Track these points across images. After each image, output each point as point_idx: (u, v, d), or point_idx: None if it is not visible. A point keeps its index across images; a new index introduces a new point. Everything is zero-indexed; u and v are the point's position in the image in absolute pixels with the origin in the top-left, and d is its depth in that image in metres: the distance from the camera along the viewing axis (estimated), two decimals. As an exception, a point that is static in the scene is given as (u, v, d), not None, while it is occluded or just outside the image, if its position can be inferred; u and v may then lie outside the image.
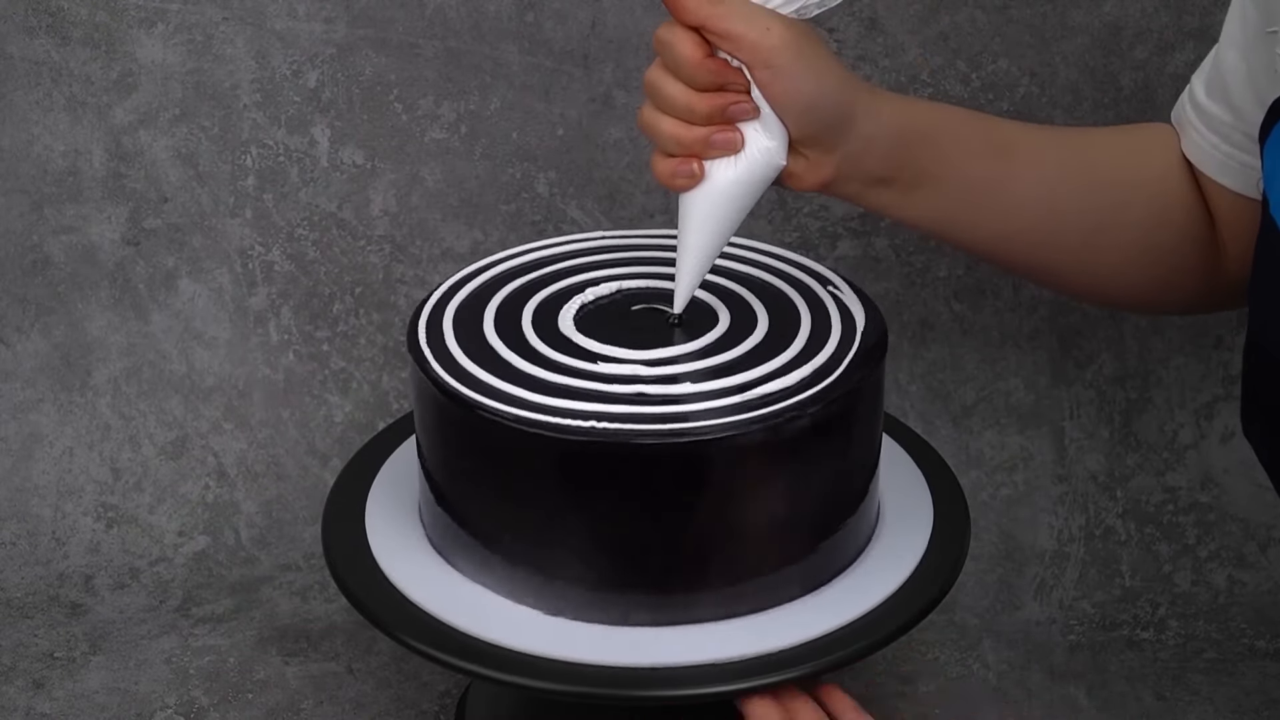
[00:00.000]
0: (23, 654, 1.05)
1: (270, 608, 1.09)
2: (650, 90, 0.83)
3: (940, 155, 0.87)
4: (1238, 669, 1.04)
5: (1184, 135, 0.88)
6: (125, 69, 1.14)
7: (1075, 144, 0.91)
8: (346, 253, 1.17)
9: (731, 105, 0.81)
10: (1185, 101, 0.88)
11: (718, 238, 0.84)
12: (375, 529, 0.88)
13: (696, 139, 0.81)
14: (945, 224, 0.89)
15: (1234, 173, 0.85)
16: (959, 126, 0.88)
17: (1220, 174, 0.86)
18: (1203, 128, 0.86)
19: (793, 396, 0.79)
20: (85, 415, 1.17)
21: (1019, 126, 0.91)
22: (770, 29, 0.80)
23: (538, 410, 0.78)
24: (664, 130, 0.82)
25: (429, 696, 1.00)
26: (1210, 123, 0.86)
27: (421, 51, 1.13)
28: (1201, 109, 0.86)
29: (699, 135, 0.81)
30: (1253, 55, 0.82)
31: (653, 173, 0.83)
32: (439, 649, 0.80)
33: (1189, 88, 0.88)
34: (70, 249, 1.16)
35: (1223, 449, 1.15)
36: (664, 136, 0.82)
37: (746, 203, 0.84)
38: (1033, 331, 1.16)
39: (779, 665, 0.79)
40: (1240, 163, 0.85)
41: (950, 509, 0.90)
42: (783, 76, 0.80)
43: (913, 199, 0.87)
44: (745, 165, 0.82)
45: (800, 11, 0.81)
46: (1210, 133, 0.86)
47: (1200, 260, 0.90)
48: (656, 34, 0.82)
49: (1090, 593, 1.10)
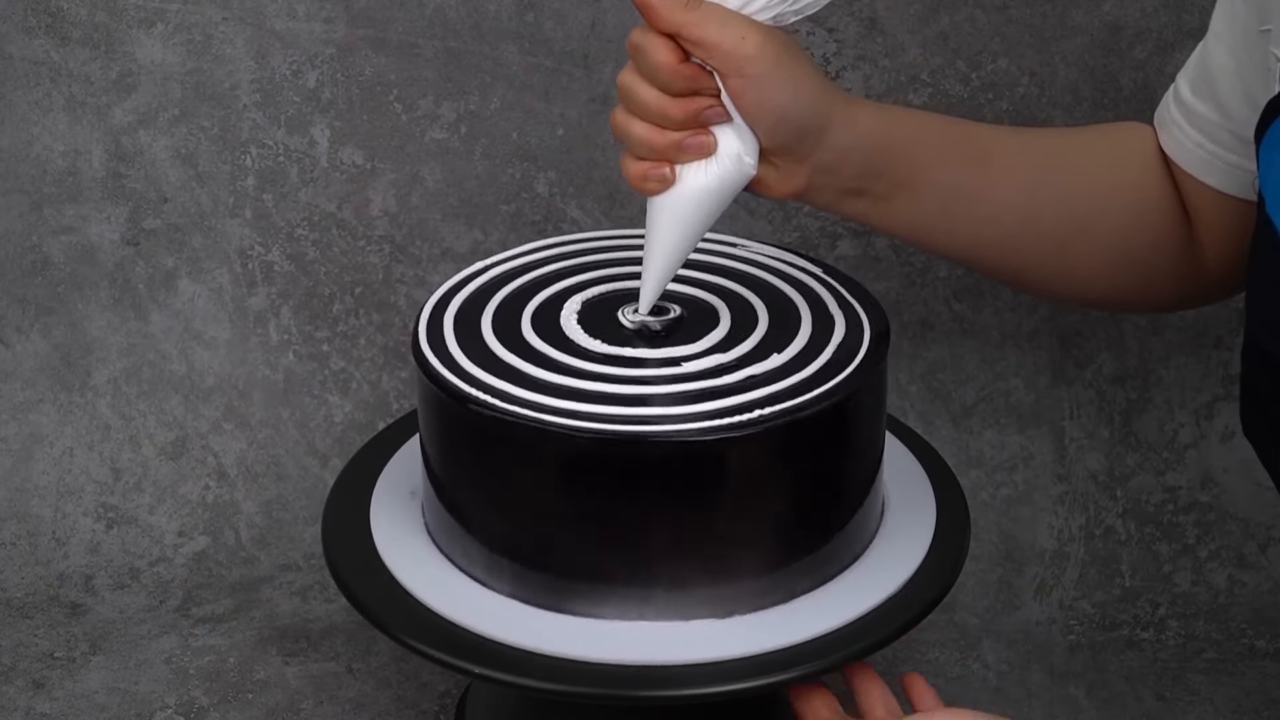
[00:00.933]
0: (23, 654, 1.05)
1: (270, 608, 1.09)
2: (623, 94, 0.82)
3: (915, 165, 0.86)
4: (1238, 669, 1.04)
5: (1165, 133, 0.87)
6: (125, 69, 1.14)
7: (1051, 148, 0.90)
8: (346, 253, 1.17)
9: (705, 110, 0.80)
10: (1169, 100, 0.88)
11: (686, 241, 0.84)
12: (380, 528, 0.88)
13: (669, 143, 0.81)
14: (921, 232, 0.88)
15: (1218, 171, 0.85)
16: (934, 136, 0.87)
17: (1203, 172, 0.86)
18: (1186, 126, 0.86)
19: (793, 397, 0.79)
20: (85, 415, 1.17)
21: (995, 132, 0.91)
22: (746, 38, 0.79)
23: (539, 409, 0.78)
24: (636, 134, 0.81)
25: (429, 696, 1.00)
26: (1195, 121, 0.85)
27: (421, 51, 1.13)
28: (1186, 107, 0.86)
29: (672, 140, 0.81)
30: (1242, 53, 0.82)
31: (623, 174, 0.83)
32: (439, 649, 0.80)
33: (1173, 86, 0.87)
34: (70, 249, 1.16)
35: (1223, 449, 1.15)
36: (636, 140, 0.82)
37: (716, 208, 0.83)
38: (1033, 331, 1.16)
39: (778, 664, 0.79)
40: (1225, 162, 0.85)
41: (950, 509, 0.90)
42: (756, 86, 0.80)
43: (888, 208, 0.87)
44: (716, 171, 0.82)
45: (778, 19, 0.81)
46: (1195, 131, 0.85)
47: (1178, 260, 0.89)
48: (630, 38, 0.81)
49: (1090, 593, 1.10)
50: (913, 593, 0.83)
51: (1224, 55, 0.83)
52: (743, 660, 0.79)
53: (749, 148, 0.82)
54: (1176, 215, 0.88)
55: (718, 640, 0.80)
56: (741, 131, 0.81)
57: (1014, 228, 0.88)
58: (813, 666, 0.79)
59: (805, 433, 0.80)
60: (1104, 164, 0.89)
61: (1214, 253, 0.88)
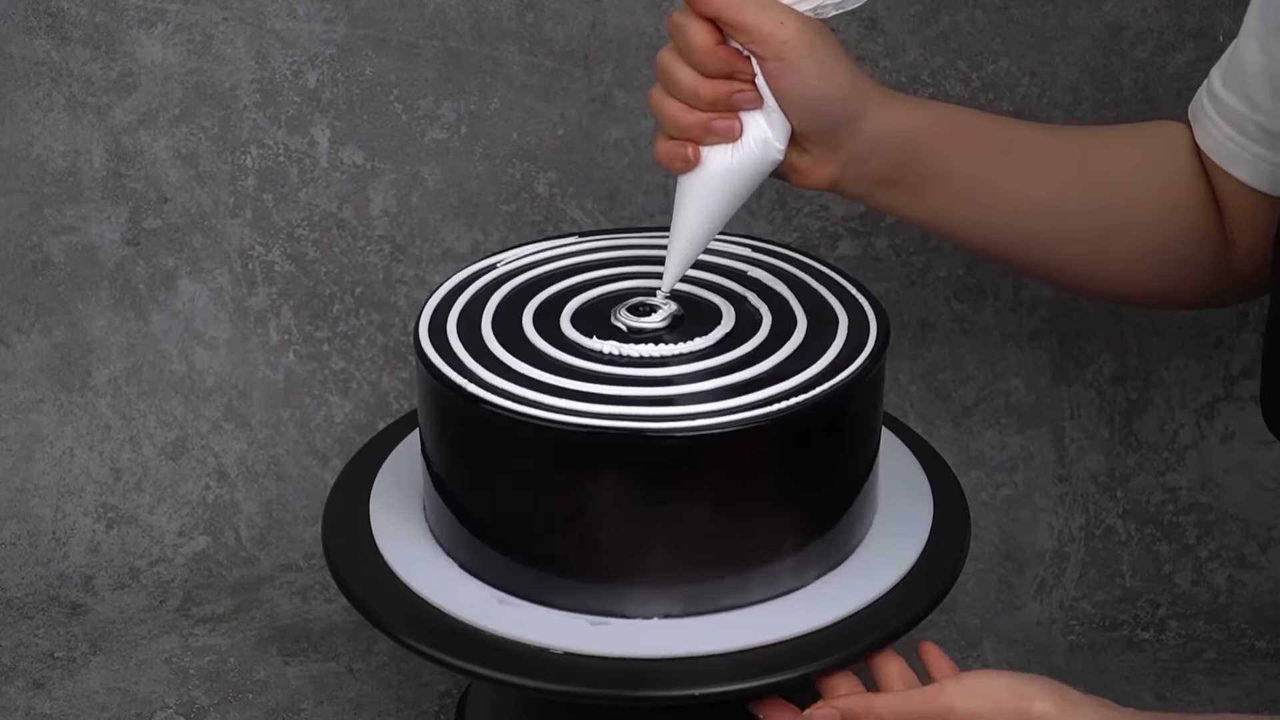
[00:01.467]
0: (23, 654, 1.05)
1: (270, 608, 1.09)
2: (660, 72, 0.84)
3: (948, 157, 0.87)
4: (1238, 669, 1.04)
5: (1198, 126, 0.88)
6: (125, 69, 1.14)
7: (1084, 144, 0.91)
8: (346, 253, 1.17)
9: (735, 93, 0.82)
10: (1202, 94, 0.89)
11: (710, 223, 0.85)
12: (381, 527, 0.88)
13: (696, 123, 0.82)
14: (953, 225, 0.89)
15: (1245, 164, 0.86)
16: (964, 128, 0.89)
17: (1231, 164, 0.86)
18: (1217, 118, 0.87)
19: (794, 396, 0.79)
20: (85, 415, 1.17)
21: (1026, 128, 0.91)
22: (785, 23, 0.80)
23: (541, 407, 0.79)
24: (668, 112, 0.83)
25: (429, 696, 1.00)
26: (1225, 113, 0.86)
27: (421, 51, 1.13)
28: (1218, 99, 0.87)
29: (699, 120, 0.82)
30: (1273, 47, 0.83)
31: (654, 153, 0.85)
32: (440, 649, 0.80)
33: (1207, 80, 0.88)
34: (70, 249, 1.16)
35: (1223, 449, 1.15)
36: (668, 118, 0.83)
37: (741, 192, 0.84)
38: (1033, 331, 1.16)
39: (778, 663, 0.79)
40: (1252, 154, 0.85)
41: (950, 509, 0.90)
42: (792, 70, 0.81)
43: (920, 200, 0.88)
44: (741, 155, 0.83)
45: (818, 10, 0.82)
46: (1224, 123, 0.86)
47: (1211, 257, 0.90)
48: (671, 17, 0.83)
49: (1090, 593, 1.10)
50: (913, 592, 0.83)
51: (1255, 49, 0.84)
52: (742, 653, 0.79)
53: (779, 134, 0.83)
54: (1209, 212, 0.89)
55: (721, 636, 0.80)
56: (772, 117, 0.83)
57: (1045, 222, 0.89)
58: (813, 666, 0.79)
59: (803, 432, 0.80)
60: (1136, 159, 0.90)
61: (1245, 249, 0.89)
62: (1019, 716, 0.74)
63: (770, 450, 0.79)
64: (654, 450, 0.78)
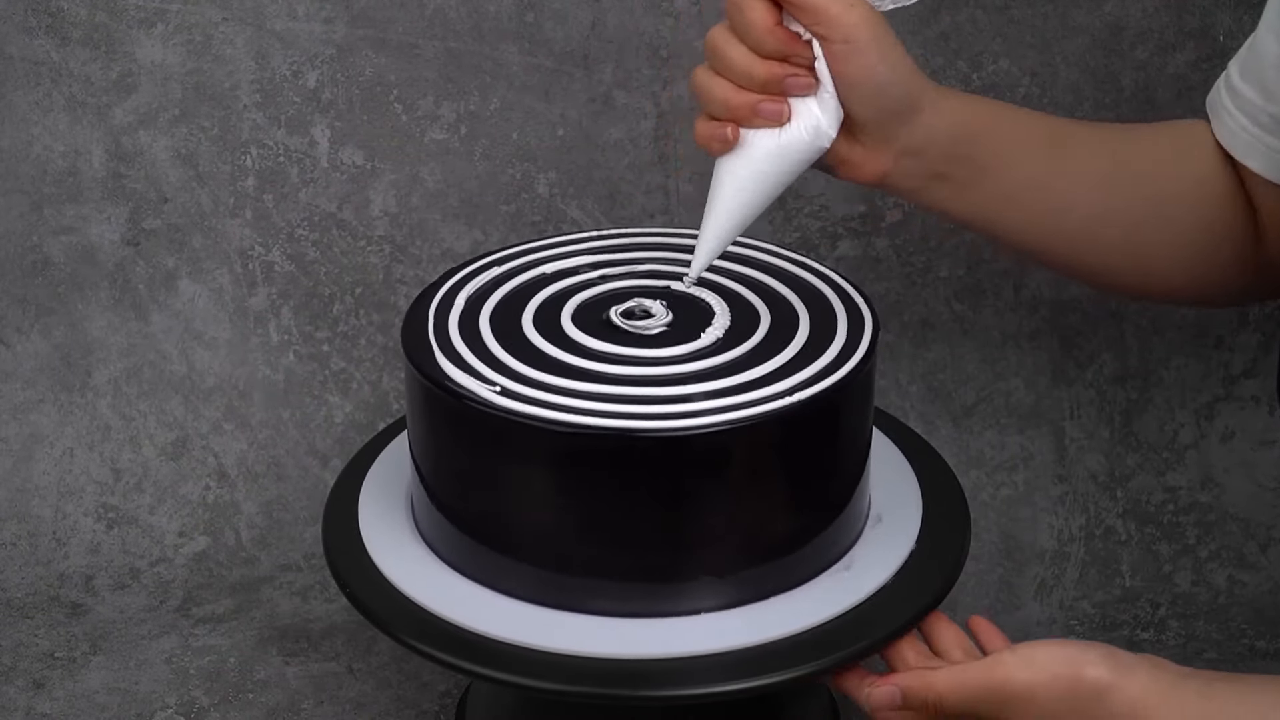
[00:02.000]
0: (23, 654, 1.05)
1: (270, 608, 1.09)
2: (711, 51, 0.83)
3: (999, 151, 0.87)
4: (1238, 669, 1.04)
5: (1216, 119, 0.89)
6: (125, 69, 1.14)
7: (1122, 139, 0.92)
8: (346, 253, 1.17)
9: (789, 76, 0.81)
10: (1220, 86, 0.89)
11: (747, 209, 0.84)
12: (369, 527, 0.88)
13: (744, 104, 0.81)
14: (998, 222, 0.89)
15: (1260, 155, 0.86)
16: (1016, 122, 0.89)
17: (1247, 156, 0.86)
18: (1234, 110, 0.87)
19: (792, 395, 0.79)
20: (85, 416, 1.17)
21: (1069, 123, 0.92)
22: (853, 6, 0.80)
23: (538, 405, 0.78)
24: (716, 92, 0.82)
25: (429, 696, 1.00)
26: (1241, 104, 0.86)
27: (421, 52, 1.13)
28: (1235, 91, 0.87)
29: (747, 101, 0.81)
30: None
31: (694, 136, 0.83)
32: (440, 649, 0.80)
33: (1225, 71, 0.88)
34: (70, 249, 1.16)
35: (1223, 449, 1.15)
36: (714, 98, 0.82)
37: (784, 178, 0.83)
38: (1033, 331, 1.16)
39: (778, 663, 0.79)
40: (1267, 145, 0.86)
41: (950, 509, 0.90)
42: (858, 53, 0.81)
43: (969, 195, 0.87)
44: (788, 137, 0.82)
45: (878, 2, 0.82)
46: (1241, 115, 0.86)
47: (1244, 253, 0.90)
48: None
49: (1090, 593, 1.10)
50: (913, 592, 0.83)
51: (1271, 42, 0.84)
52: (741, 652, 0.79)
53: (830, 120, 0.82)
54: (1240, 208, 0.89)
55: (719, 634, 0.80)
56: (825, 103, 0.82)
57: (1088, 218, 0.89)
58: (814, 666, 0.79)
59: (802, 431, 0.80)
60: (1168, 157, 0.90)
61: (1275, 243, 0.89)
62: (1073, 684, 0.73)
63: (768, 450, 0.79)
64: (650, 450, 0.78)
